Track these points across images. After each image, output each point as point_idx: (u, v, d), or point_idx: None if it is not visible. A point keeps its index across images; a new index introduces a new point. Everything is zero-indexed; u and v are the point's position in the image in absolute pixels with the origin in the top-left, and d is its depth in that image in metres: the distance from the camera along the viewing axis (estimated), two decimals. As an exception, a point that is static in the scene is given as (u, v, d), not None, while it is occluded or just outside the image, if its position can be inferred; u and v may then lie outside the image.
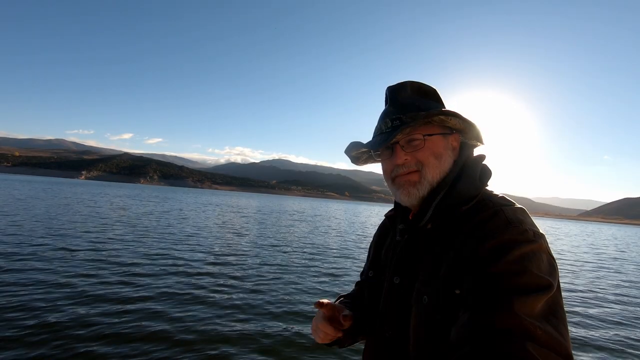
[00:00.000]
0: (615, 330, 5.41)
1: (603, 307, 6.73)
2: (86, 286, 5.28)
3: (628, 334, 5.27)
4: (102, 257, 7.36)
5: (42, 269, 5.99)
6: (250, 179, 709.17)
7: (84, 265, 6.51)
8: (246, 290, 5.91)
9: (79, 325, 3.94)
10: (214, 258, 8.32)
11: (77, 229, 10.98)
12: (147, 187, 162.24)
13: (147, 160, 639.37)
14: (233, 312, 4.78)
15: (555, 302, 0.61)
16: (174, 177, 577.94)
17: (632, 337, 5.13)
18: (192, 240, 10.64)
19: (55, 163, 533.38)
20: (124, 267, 6.68)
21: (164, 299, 5.04)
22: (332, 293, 6.17)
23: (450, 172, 0.80)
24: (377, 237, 1.02)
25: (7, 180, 68.66)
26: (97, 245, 8.61)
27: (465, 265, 0.66)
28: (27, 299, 4.56)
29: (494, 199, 0.74)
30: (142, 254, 8.06)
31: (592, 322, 5.66)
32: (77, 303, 4.59)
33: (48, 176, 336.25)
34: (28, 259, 6.63)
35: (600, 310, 6.43)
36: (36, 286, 5.07)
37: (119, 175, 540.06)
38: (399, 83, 0.85)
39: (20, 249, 7.41)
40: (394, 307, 0.80)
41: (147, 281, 5.86)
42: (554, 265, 0.65)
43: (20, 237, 8.70)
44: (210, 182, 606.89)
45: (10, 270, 5.77)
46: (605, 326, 5.53)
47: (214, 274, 6.77)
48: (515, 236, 0.64)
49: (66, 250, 7.73)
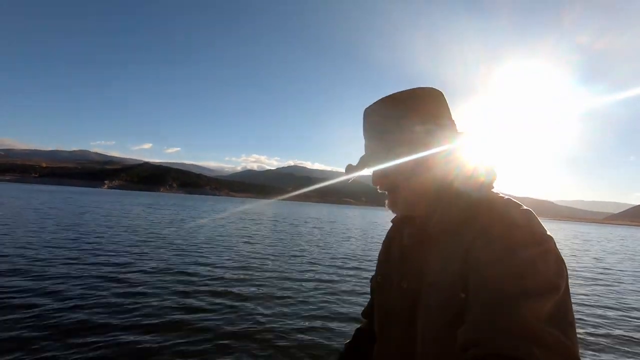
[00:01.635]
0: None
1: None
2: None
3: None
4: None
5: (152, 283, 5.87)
6: (267, 185, 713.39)
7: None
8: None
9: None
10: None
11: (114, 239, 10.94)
12: (168, 196, 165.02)
13: (166, 169, 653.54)
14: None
15: (563, 305, 0.59)
16: (193, 185, 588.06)
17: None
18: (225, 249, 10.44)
19: (79, 173, 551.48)
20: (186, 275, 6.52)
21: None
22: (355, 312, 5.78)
23: (455, 176, 0.80)
24: (385, 241, 1.02)
25: (32, 190, 70.95)
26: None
27: (471, 269, 0.66)
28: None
29: (500, 202, 0.73)
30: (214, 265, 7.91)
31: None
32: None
33: (73, 186, 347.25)
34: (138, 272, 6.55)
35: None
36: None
37: (140, 184, 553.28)
38: (402, 91, 0.83)
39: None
40: (402, 311, 0.81)
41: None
42: (562, 267, 0.64)
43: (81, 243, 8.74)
44: (227, 190, 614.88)
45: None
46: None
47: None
48: (522, 238, 0.63)
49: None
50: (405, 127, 0.80)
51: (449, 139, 0.80)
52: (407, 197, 0.81)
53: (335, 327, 4.85)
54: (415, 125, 0.79)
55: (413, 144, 0.79)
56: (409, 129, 0.79)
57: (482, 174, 0.80)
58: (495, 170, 0.82)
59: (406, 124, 0.80)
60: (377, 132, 0.85)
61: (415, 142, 0.79)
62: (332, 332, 4.68)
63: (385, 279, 0.91)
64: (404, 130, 0.80)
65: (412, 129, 0.79)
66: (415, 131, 0.79)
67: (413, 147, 0.79)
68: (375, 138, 0.85)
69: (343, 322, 5.04)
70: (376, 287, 0.95)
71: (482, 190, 0.77)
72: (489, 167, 0.82)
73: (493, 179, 0.81)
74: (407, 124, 0.80)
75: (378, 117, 0.85)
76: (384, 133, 0.83)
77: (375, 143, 0.84)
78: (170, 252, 9.67)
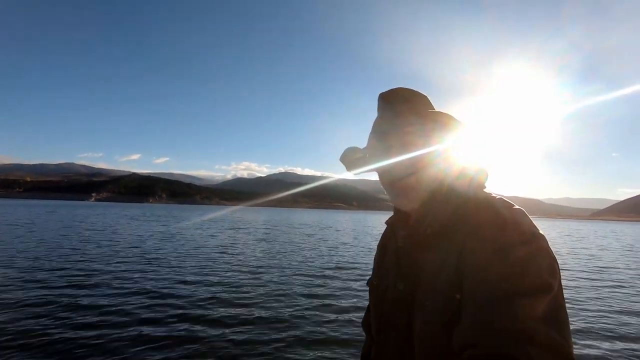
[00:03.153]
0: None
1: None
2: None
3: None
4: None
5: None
6: (258, 192, 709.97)
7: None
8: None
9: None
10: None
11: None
12: (155, 206, 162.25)
13: (155, 180, 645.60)
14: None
15: (556, 304, 0.60)
16: (183, 195, 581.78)
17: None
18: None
19: (66, 186, 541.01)
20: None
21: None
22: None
23: (447, 175, 0.81)
24: (381, 244, 1.03)
25: (9, 205, 68.62)
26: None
27: (465, 269, 0.66)
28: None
29: (492, 201, 0.73)
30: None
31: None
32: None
33: (59, 199, 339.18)
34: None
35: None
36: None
37: (128, 195, 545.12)
38: (391, 89, 0.86)
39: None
40: (399, 313, 0.81)
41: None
42: (554, 266, 0.64)
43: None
44: (218, 198, 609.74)
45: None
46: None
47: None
48: (514, 238, 0.64)
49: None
50: (399, 127, 0.81)
51: (440, 139, 0.81)
52: (432, 182, 0.81)
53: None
54: (408, 125, 0.80)
55: (408, 143, 0.80)
56: (403, 129, 0.81)
57: (473, 174, 0.80)
58: (486, 169, 0.83)
59: (401, 123, 0.81)
60: (375, 132, 0.87)
61: (410, 141, 0.80)
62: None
63: (381, 281, 0.92)
64: (399, 130, 0.81)
65: (405, 129, 0.80)
66: (409, 131, 0.80)
67: (407, 146, 0.80)
68: (374, 138, 0.87)
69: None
70: (372, 289, 0.96)
71: (473, 190, 0.77)
72: (480, 167, 0.82)
73: (485, 179, 0.81)
74: (402, 124, 0.81)
75: (378, 118, 0.89)
76: (381, 133, 0.85)
77: (375, 143, 0.86)
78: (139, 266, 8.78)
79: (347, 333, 4.75)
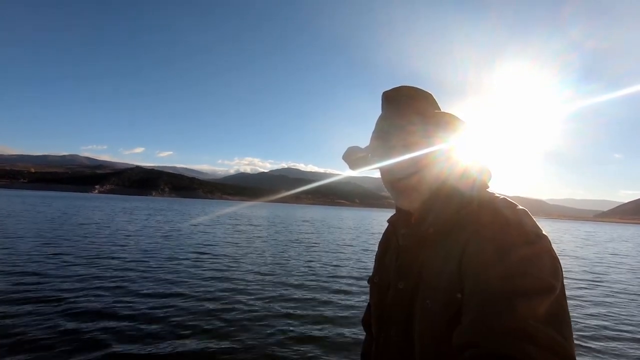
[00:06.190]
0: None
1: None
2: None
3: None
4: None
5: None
6: (261, 188, 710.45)
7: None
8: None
9: None
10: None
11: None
12: (158, 200, 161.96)
13: (158, 173, 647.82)
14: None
15: (558, 305, 0.59)
16: (185, 188, 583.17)
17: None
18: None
19: (69, 178, 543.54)
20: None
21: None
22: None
23: (450, 175, 0.80)
24: (382, 242, 1.02)
25: (12, 195, 67.96)
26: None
27: (466, 269, 0.66)
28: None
29: (495, 201, 0.73)
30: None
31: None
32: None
33: (63, 191, 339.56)
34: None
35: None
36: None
37: (131, 188, 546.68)
38: (395, 88, 0.86)
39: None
40: (400, 312, 0.80)
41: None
42: (557, 267, 0.63)
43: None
44: (220, 193, 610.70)
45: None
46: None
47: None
48: (517, 238, 0.63)
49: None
50: (402, 127, 0.81)
51: (443, 138, 0.80)
52: (434, 181, 0.81)
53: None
54: (411, 125, 0.80)
55: (410, 143, 0.80)
56: (405, 129, 0.80)
57: (476, 173, 0.80)
58: (489, 169, 0.82)
59: (404, 123, 0.81)
60: (378, 132, 0.87)
61: (412, 141, 0.80)
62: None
63: (382, 279, 0.91)
64: (401, 129, 0.81)
65: (407, 129, 0.80)
66: (412, 131, 0.80)
67: (409, 147, 0.80)
68: (376, 138, 0.87)
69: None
70: (373, 288, 0.95)
71: (476, 190, 0.77)
72: (483, 166, 0.82)
73: (488, 178, 0.81)
74: (404, 124, 0.81)
75: (381, 117, 0.88)
76: (383, 134, 0.85)
77: (377, 143, 0.85)
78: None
79: (347, 331, 4.66)
